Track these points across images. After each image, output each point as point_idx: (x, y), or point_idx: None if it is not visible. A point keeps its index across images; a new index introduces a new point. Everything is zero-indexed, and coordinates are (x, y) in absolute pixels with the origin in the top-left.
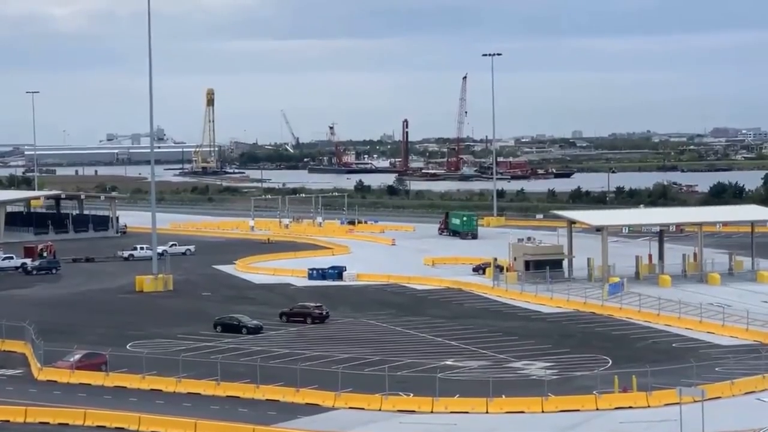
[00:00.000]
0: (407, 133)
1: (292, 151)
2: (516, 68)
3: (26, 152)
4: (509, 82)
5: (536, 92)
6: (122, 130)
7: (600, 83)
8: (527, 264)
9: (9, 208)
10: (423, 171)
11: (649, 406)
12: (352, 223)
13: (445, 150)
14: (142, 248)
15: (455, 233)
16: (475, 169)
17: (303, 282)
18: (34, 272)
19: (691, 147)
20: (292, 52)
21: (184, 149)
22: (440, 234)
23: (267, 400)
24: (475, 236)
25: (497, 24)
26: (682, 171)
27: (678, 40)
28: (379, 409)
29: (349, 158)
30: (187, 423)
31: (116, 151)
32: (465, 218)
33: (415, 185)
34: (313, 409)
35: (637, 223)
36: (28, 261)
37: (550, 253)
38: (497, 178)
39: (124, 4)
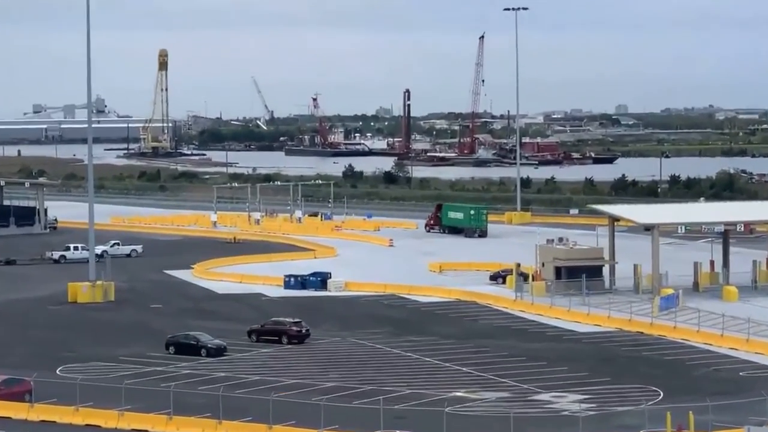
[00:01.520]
0: (409, 106)
1: (264, 127)
2: (546, 27)
3: None
4: (538, 44)
5: (571, 56)
6: (52, 101)
7: (651, 46)
8: (558, 271)
9: None
10: (429, 154)
11: None
12: (315, 215)
13: (457, 128)
14: (76, 248)
15: (453, 230)
16: (493, 152)
17: (278, 292)
18: None
19: (764, 126)
20: (266, 4)
21: (130, 125)
22: (428, 231)
23: None
24: (483, 234)
25: None
26: (753, 156)
27: None
28: None
29: (337, 137)
30: None
31: (45, 126)
32: (472, 212)
33: (419, 171)
34: None
35: (696, 221)
36: None
37: (587, 258)
38: (521, 164)
39: None
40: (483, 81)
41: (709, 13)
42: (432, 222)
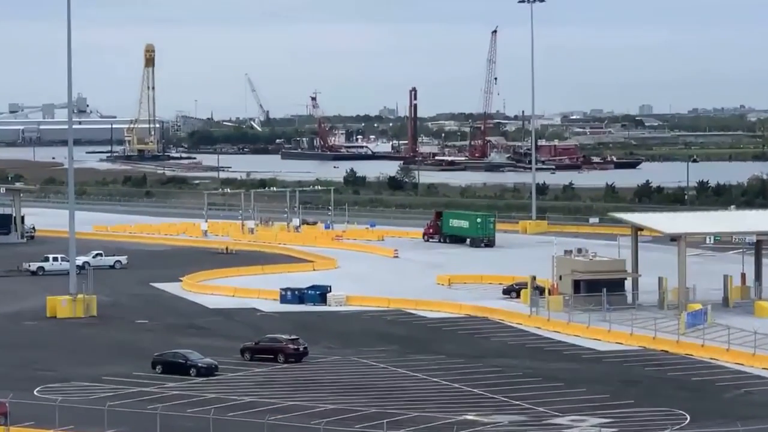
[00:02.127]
0: (415, 106)
1: (259, 129)
2: (565, 21)
3: None
4: (555, 40)
5: (591, 53)
6: (30, 100)
7: (677, 42)
8: (577, 285)
9: None
10: (437, 158)
11: None
12: (307, 223)
13: (467, 130)
14: (55, 259)
15: (454, 239)
16: (507, 155)
17: (273, 306)
18: None
19: None
20: None
21: (114, 125)
22: (426, 240)
23: None
24: (491, 244)
25: None
26: None
27: None
28: None
29: (338, 140)
30: None
31: (21, 127)
32: (479, 220)
33: (426, 177)
34: None
35: (727, 231)
36: None
37: (608, 271)
38: (537, 169)
39: None
40: (496, 79)
41: (741, 5)
42: (431, 230)
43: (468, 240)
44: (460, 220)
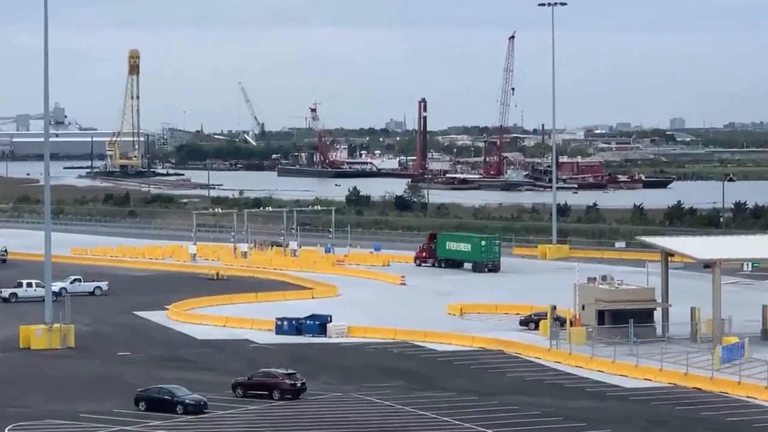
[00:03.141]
0: (425, 118)
1: (254, 143)
2: (588, 25)
3: None
4: (578, 46)
5: (618, 61)
6: (2, 110)
7: (713, 48)
8: (601, 315)
9: None
10: (448, 175)
11: None
12: (278, 245)
13: (482, 145)
14: (29, 285)
15: (450, 263)
16: (525, 173)
17: (268, 337)
18: None
19: None
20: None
21: (95, 138)
22: (418, 265)
23: None
24: (495, 268)
25: None
26: None
27: None
28: None
29: (340, 155)
30: None
31: None
32: (483, 243)
33: (437, 196)
34: None
35: (766, 257)
36: None
37: (636, 300)
38: (558, 188)
39: None
40: (513, 89)
41: None
42: (424, 254)
43: (471, 264)
44: (459, 242)
